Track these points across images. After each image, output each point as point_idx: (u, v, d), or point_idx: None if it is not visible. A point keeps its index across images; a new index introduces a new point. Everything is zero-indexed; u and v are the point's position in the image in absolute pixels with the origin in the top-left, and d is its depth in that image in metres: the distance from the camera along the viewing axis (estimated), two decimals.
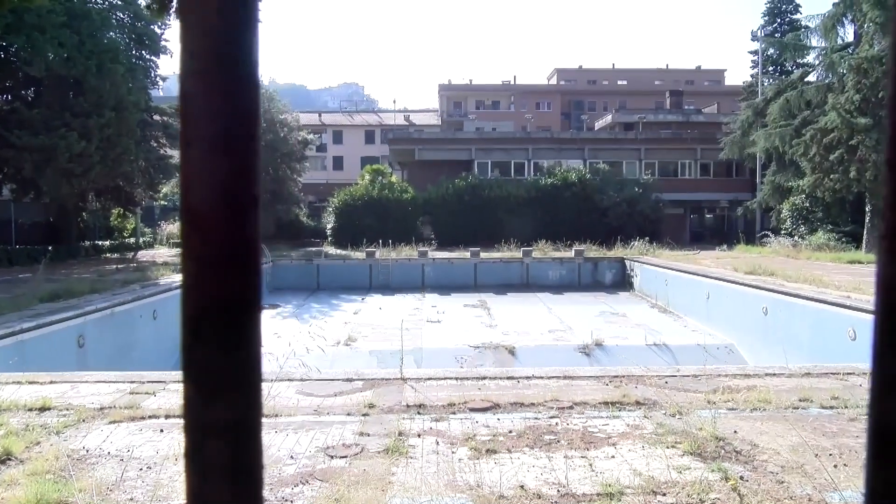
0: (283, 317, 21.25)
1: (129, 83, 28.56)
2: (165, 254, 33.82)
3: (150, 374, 8.82)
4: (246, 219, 0.63)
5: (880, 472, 0.60)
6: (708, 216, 50.20)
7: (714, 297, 19.43)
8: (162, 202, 49.24)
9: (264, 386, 7.74)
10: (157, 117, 35.29)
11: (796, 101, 31.92)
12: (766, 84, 40.96)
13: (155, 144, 34.72)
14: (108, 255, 33.01)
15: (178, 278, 14.79)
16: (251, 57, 0.61)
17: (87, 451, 5.75)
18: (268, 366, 8.40)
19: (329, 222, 41.09)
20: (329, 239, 40.23)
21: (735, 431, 6.16)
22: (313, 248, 33.06)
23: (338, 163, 73.44)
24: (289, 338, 9.38)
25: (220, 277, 0.63)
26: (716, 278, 19.60)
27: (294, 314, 21.68)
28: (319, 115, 77.54)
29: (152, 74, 34.39)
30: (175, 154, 34.87)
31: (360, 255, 30.77)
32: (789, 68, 41.73)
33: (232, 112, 0.61)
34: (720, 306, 18.99)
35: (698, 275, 20.89)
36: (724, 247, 33.71)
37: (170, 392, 7.75)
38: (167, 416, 6.75)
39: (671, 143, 45.93)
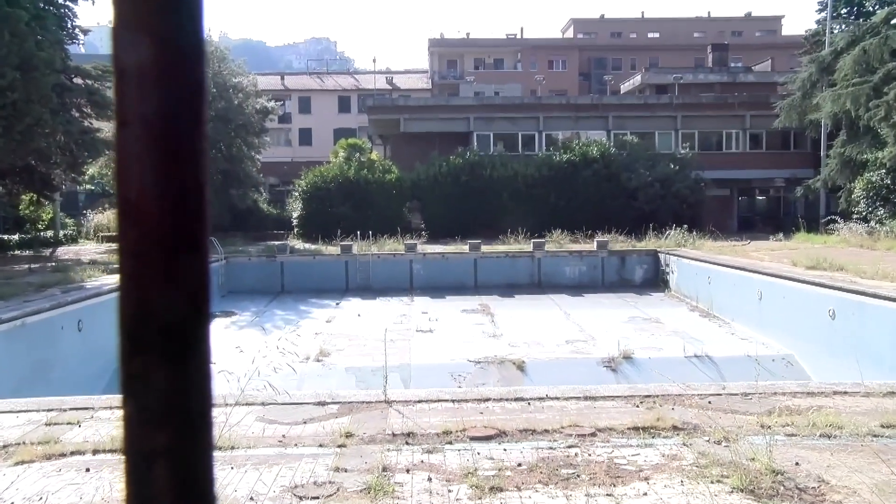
0: (240, 326, 21.28)
1: (38, 35, 27.86)
2: (93, 250, 33.72)
3: (73, 400, 8.82)
4: (191, 209, 0.65)
5: None
6: (759, 198, 50.35)
7: (768, 298, 19.55)
8: (88, 187, 49.03)
9: (219, 412, 7.77)
10: (78, 80, 34.88)
11: (877, 52, 31.32)
12: (836, 32, 40.40)
13: (77, 114, 34.26)
14: (17, 252, 32.92)
15: (109, 280, 14.76)
16: (195, 21, 0.64)
17: None
18: (224, 387, 8.43)
19: (295, 210, 41.06)
20: (295, 230, 40.21)
21: (797, 464, 6.19)
22: (276, 242, 33.06)
23: (305, 136, 73.34)
24: (251, 352, 9.40)
25: (162, 277, 0.66)
26: (770, 275, 19.71)
27: (253, 323, 21.71)
28: (282, 78, 77.42)
29: (69, 25, 33.89)
30: (104, 127, 34.64)
31: (333, 249, 30.78)
32: (870, 8, 41.45)
33: (174, 86, 0.63)
34: (776, 309, 19.10)
35: (748, 270, 21.00)
36: (780, 236, 33.82)
37: (99, 421, 7.76)
38: (95, 452, 6.75)
39: (714, 110, 46.04)
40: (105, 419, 7.86)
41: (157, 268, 0.67)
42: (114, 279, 19.70)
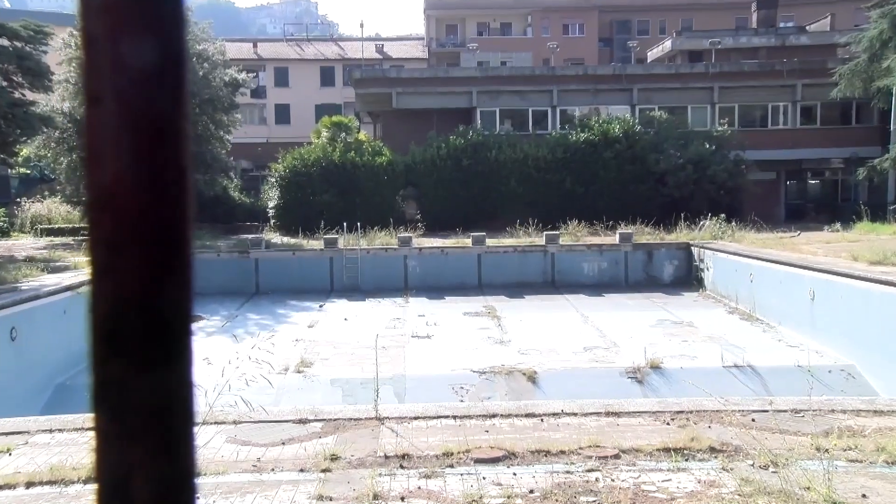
0: (208, 333, 21.32)
1: None
2: (30, 245, 33.68)
3: (2, 423, 8.82)
4: (172, 196, 0.68)
5: None
6: (812, 182, 50.19)
7: (823, 299, 19.55)
8: (22, 170, 49.01)
9: None
10: (4, 42, 34.60)
11: None
12: None
13: (5, 84, 34.20)
14: None
15: (50, 280, 14.77)
16: None
17: None
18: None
19: (271, 199, 41.09)
20: (272, 222, 40.25)
21: (864, 496, 6.16)
22: (249, 236, 33.12)
23: (282, 113, 73.33)
24: (222, 363, 9.39)
25: (140, 271, 0.69)
26: (825, 271, 19.70)
27: (223, 329, 21.77)
28: (255, 46, 77.34)
29: None
30: (40, 99, 34.59)
31: (315, 244, 30.81)
32: None
33: (152, 55, 0.66)
34: (832, 311, 19.11)
35: (798, 266, 21.00)
36: (837, 225, 33.80)
37: (35, 447, 7.77)
38: (30, 485, 6.74)
39: (758, 79, 45.87)
40: (42, 445, 7.87)
41: (134, 262, 0.70)
42: (55, 279, 19.74)
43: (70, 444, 8.56)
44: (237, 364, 7.51)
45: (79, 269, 22.34)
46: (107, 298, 0.69)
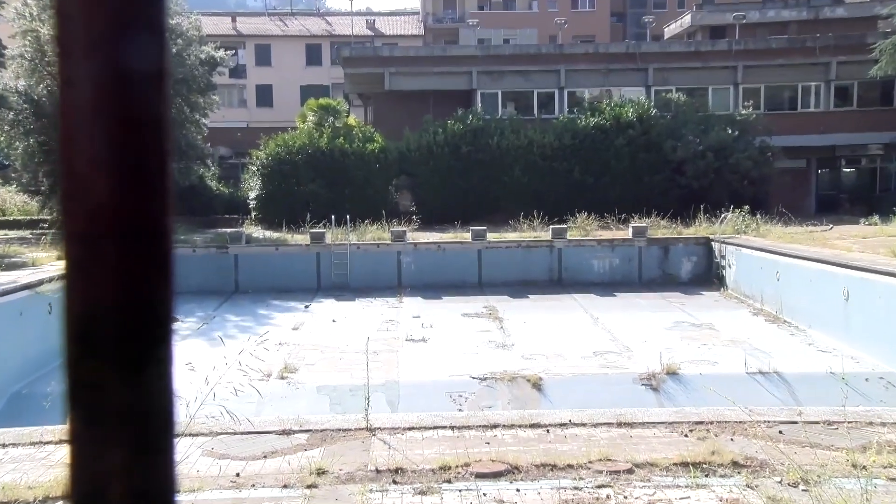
0: (182, 336, 21.31)
1: None
2: None
3: None
4: (152, 185, 0.69)
5: None
6: (847, 170, 50.10)
7: (858, 299, 19.54)
8: None
9: None
10: None
11: None
12: None
13: None
14: None
15: (3, 279, 14.74)
16: None
17: None
18: None
19: (252, 189, 41.04)
20: (253, 215, 40.21)
21: None
22: (228, 230, 33.04)
23: (264, 95, 73.21)
24: (203, 370, 9.39)
25: (117, 265, 0.70)
26: (861, 269, 19.68)
27: (200, 332, 21.76)
28: (234, 20, 77.22)
29: None
30: None
31: (301, 238, 30.79)
32: None
33: (130, 35, 0.67)
34: (869, 313, 19.09)
35: (831, 263, 20.99)
36: (875, 218, 33.72)
37: None
38: None
39: (787, 56, 45.69)
40: None
41: (111, 256, 0.71)
42: (10, 277, 19.68)
43: (26, 459, 8.52)
44: (221, 371, 7.51)
45: (38, 267, 22.27)
46: (81, 296, 0.70)
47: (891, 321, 18.12)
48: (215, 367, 8.13)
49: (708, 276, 29.04)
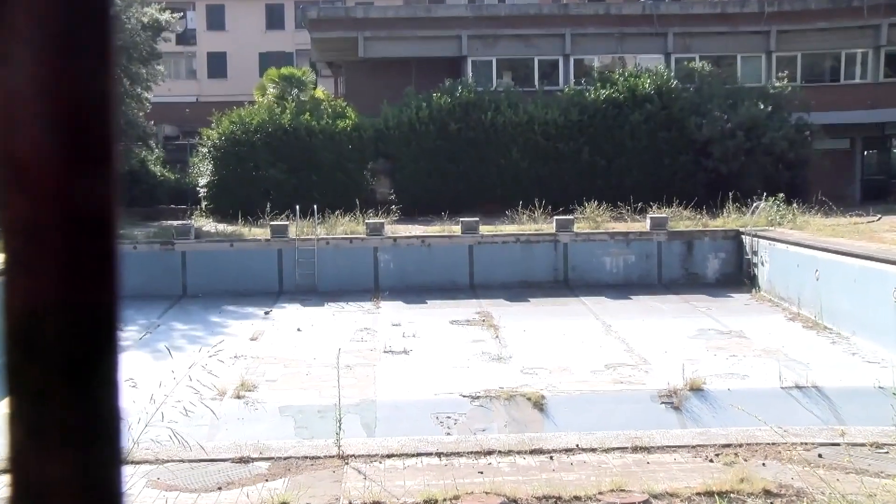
0: (123, 346, 21.23)
1: None
2: None
3: None
4: (98, 169, 0.72)
5: None
6: None
7: None
8: None
9: None
10: None
11: None
12: None
13: None
14: None
15: None
16: None
17: None
18: None
19: (203, 174, 40.94)
20: (203, 205, 40.11)
21: None
22: (175, 222, 32.98)
23: (217, 64, 73.02)
24: (148, 386, 9.39)
25: (60, 259, 0.73)
26: None
27: (142, 343, 21.68)
28: None
29: None
30: None
31: (260, 232, 30.73)
32: None
33: (71, 5, 0.69)
34: None
35: (879, 260, 21.07)
36: None
37: None
38: None
39: (829, 19, 45.65)
40: None
41: (54, 250, 0.74)
42: None
43: None
44: (168, 388, 7.52)
45: None
46: (22, 292, 0.73)
47: None
48: (161, 383, 8.16)
49: (737, 275, 29.10)
